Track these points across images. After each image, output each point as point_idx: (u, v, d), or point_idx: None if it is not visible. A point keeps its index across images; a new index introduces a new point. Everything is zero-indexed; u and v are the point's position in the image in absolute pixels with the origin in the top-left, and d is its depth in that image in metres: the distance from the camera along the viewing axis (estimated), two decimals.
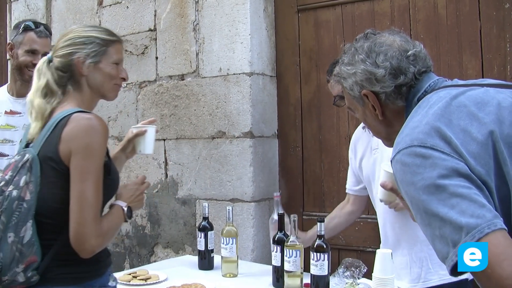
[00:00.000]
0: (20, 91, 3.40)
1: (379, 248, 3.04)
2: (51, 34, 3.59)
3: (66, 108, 2.32)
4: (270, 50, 4.42)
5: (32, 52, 3.36)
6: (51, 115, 2.33)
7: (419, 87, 1.82)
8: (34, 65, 3.19)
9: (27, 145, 2.33)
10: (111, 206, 2.42)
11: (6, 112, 3.38)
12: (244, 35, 4.23)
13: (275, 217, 3.14)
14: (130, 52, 4.88)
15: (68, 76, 2.40)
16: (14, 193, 2.14)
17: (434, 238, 1.49)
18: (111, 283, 2.43)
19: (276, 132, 4.43)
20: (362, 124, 3.30)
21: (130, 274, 3.23)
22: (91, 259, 2.23)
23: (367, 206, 3.48)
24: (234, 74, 4.25)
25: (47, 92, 2.37)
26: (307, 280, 2.88)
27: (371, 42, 1.92)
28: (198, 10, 4.46)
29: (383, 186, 2.12)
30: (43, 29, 3.46)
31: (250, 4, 4.22)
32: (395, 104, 1.86)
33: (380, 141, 3.00)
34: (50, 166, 2.21)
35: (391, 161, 1.63)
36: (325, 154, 4.24)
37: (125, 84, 4.91)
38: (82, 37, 2.43)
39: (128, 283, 3.10)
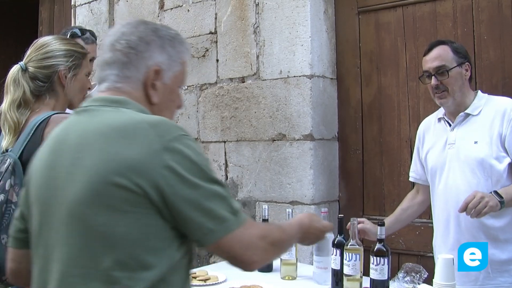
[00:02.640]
0: None
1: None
2: (96, 39, 3.70)
3: (41, 113, 2.40)
4: (331, 52, 4.41)
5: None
6: (26, 123, 2.41)
7: None
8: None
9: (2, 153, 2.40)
10: None
11: None
12: (304, 37, 4.22)
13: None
14: (191, 55, 4.93)
15: (47, 86, 2.48)
16: (1, 197, 2.23)
17: None
18: None
19: (336, 134, 4.41)
20: (435, 114, 3.25)
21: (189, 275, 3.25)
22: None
23: (428, 211, 3.43)
24: (294, 76, 4.25)
25: (21, 103, 2.43)
26: (366, 284, 2.86)
27: None
28: (258, 13, 4.48)
29: None
30: (89, 36, 3.57)
31: (310, 7, 4.21)
32: None
33: (458, 135, 2.99)
34: None
35: None
36: (386, 157, 4.20)
37: (186, 87, 4.96)
38: (63, 50, 2.52)
39: None
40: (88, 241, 1.60)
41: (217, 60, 4.76)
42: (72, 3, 6.13)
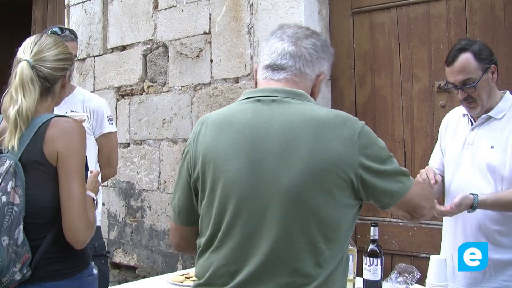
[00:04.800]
0: None
1: (433, 253, 2.98)
2: (76, 38, 3.65)
3: (40, 114, 2.37)
4: None
5: None
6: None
7: None
8: None
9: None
10: None
11: None
12: None
13: None
14: (185, 55, 4.93)
15: (50, 87, 2.44)
16: (3, 198, 2.22)
17: None
18: (94, 271, 2.56)
19: None
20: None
21: (183, 275, 3.25)
22: (79, 253, 2.40)
23: None
24: None
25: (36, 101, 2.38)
26: (359, 285, 2.86)
27: None
28: (252, 13, 4.48)
29: None
30: (68, 33, 3.51)
31: (304, 7, 4.22)
32: None
33: (476, 137, 2.92)
34: (37, 169, 2.30)
35: None
36: None
37: (180, 87, 4.96)
38: (68, 53, 2.51)
39: (181, 284, 3.12)
40: (303, 219, 1.86)
41: (211, 61, 4.76)
42: (66, 3, 6.13)
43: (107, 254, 3.71)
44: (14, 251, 2.22)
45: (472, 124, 2.95)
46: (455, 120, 3.10)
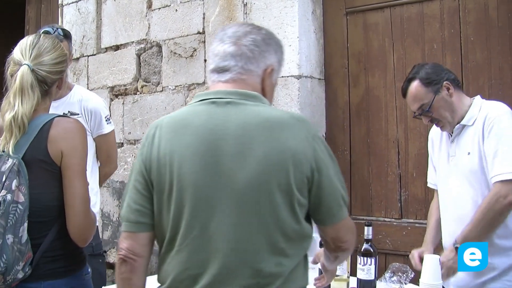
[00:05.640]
0: None
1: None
2: (69, 37, 3.60)
3: (38, 114, 2.37)
4: (319, 53, 4.41)
5: None
6: None
7: None
8: None
9: None
10: None
11: None
12: (292, 38, 4.23)
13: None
14: (179, 54, 4.92)
15: (48, 90, 2.44)
16: (8, 197, 2.23)
17: None
18: (89, 269, 2.60)
19: (324, 135, 4.42)
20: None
21: None
22: (77, 252, 2.43)
23: (414, 211, 3.44)
24: (282, 77, 4.25)
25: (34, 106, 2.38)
26: (353, 284, 2.87)
27: None
28: (246, 13, 4.48)
29: None
30: (56, 35, 3.42)
31: (298, 7, 4.22)
32: None
33: (457, 147, 2.95)
34: (42, 168, 2.31)
35: None
36: (373, 158, 4.21)
37: (173, 87, 4.95)
38: (64, 55, 2.50)
39: None
40: (262, 219, 1.87)
41: (205, 60, 4.75)
42: (59, 2, 6.11)
43: (104, 253, 3.72)
44: (18, 250, 2.23)
45: (451, 136, 3.00)
46: (437, 136, 3.17)
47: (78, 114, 3.50)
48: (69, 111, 3.50)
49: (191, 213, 1.90)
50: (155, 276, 2.08)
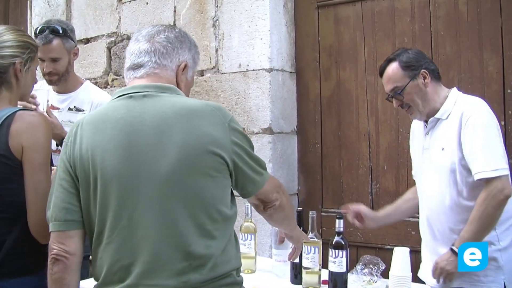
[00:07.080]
0: (58, 88, 3.51)
1: (397, 245, 3.01)
2: (60, 33, 3.45)
3: (1, 107, 2.34)
4: (290, 46, 4.42)
5: (41, 60, 3.33)
6: None
7: None
8: (48, 73, 3.20)
9: None
10: None
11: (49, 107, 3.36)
12: (263, 31, 4.22)
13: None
14: None
15: (4, 77, 2.39)
16: None
17: None
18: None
19: (296, 128, 4.43)
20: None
21: None
22: (42, 249, 2.29)
23: (386, 204, 3.46)
24: (253, 70, 4.25)
25: None
26: (325, 277, 2.88)
27: None
28: (217, 6, 4.47)
29: None
30: (45, 35, 3.38)
31: (269, 0, 4.21)
32: None
33: (431, 141, 2.95)
34: (2, 162, 2.25)
35: None
36: (345, 151, 4.23)
37: None
38: (20, 41, 2.44)
39: None
40: (186, 203, 1.95)
41: None
42: None
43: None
44: None
45: (426, 128, 3.01)
46: (417, 127, 3.18)
47: (83, 110, 3.46)
48: (74, 106, 3.47)
49: (117, 204, 1.95)
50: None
